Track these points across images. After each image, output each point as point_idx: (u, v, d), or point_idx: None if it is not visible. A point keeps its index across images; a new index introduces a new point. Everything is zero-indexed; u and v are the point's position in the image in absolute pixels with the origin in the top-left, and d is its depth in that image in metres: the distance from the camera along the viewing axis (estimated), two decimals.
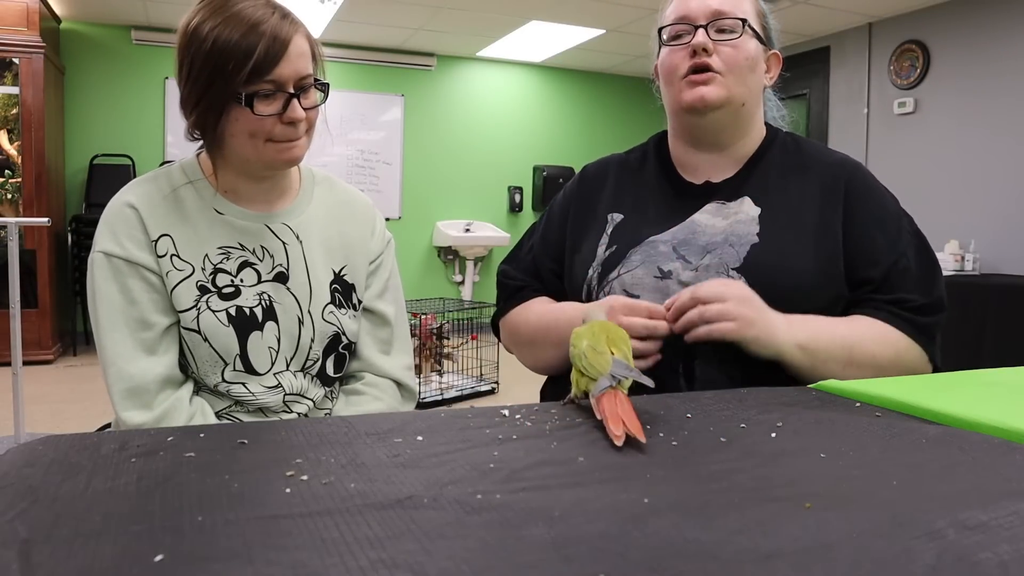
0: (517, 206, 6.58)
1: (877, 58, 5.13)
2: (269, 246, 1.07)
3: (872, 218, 1.05)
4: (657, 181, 1.16)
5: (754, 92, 1.09)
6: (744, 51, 1.06)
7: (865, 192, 1.07)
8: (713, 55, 1.05)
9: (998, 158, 4.38)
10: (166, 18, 5.24)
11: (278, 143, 0.99)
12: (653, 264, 1.06)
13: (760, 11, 1.11)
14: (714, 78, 1.05)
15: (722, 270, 1.02)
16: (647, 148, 1.21)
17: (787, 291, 0.99)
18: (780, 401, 0.75)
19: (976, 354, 3.68)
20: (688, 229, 1.07)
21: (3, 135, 4.77)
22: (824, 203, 1.05)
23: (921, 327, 1.01)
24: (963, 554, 0.39)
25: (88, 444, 0.57)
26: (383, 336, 1.17)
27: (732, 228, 1.05)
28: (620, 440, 0.58)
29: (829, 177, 1.07)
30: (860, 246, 1.03)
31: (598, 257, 1.11)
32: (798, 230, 1.03)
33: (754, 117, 1.12)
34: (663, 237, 1.07)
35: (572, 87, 6.78)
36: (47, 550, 0.38)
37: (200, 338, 1.01)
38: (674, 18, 1.08)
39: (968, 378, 0.87)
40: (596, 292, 1.09)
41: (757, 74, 1.09)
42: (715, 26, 1.06)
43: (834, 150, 1.14)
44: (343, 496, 0.47)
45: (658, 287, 1.04)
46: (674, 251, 1.06)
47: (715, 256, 1.03)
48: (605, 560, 0.37)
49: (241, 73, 0.93)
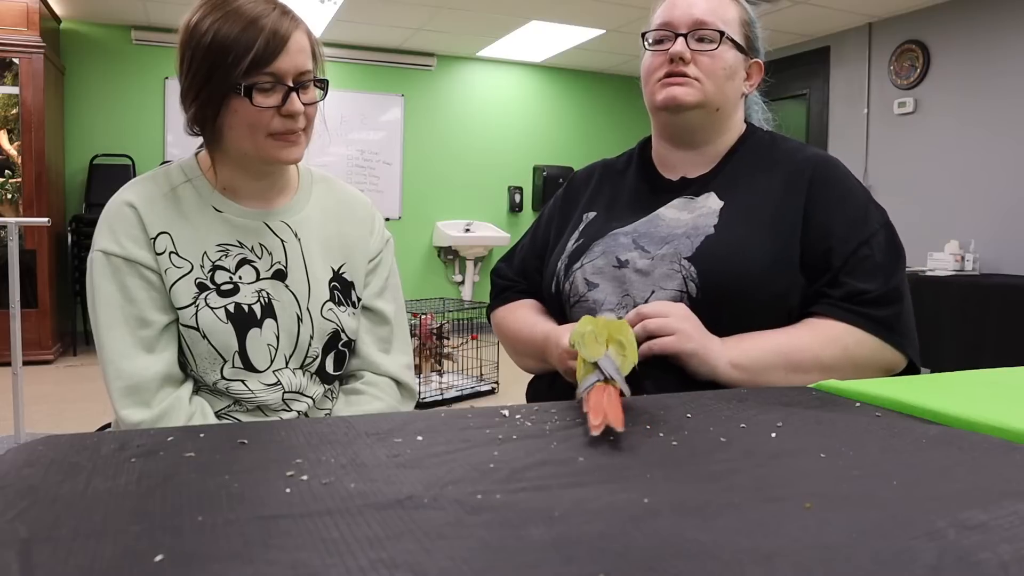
0: (517, 206, 6.58)
1: (877, 58, 5.13)
2: (267, 244, 1.07)
3: (834, 205, 1.06)
4: (635, 179, 1.20)
5: (730, 99, 1.13)
6: (721, 61, 1.10)
7: (831, 181, 1.08)
8: (690, 64, 1.09)
9: (998, 158, 4.38)
10: (166, 18, 5.24)
11: (277, 139, 1.00)
12: (612, 254, 1.10)
13: (745, 20, 1.14)
14: (688, 81, 1.09)
15: (675, 259, 1.05)
16: (633, 151, 1.26)
17: (736, 278, 1.01)
18: (780, 401, 0.75)
19: (976, 354, 3.68)
20: (651, 223, 1.11)
21: (3, 135, 4.77)
22: (786, 194, 1.07)
23: (877, 319, 1.01)
24: (963, 554, 0.39)
25: (88, 444, 0.57)
26: (382, 335, 1.18)
27: (695, 221, 1.08)
28: (597, 430, 0.58)
29: (795, 171, 1.09)
30: (819, 232, 1.04)
31: (567, 250, 1.17)
32: (755, 222, 1.06)
33: (730, 120, 1.15)
34: (625, 230, 1.12)
35: (572, 87, 6.78)
36: (47, 550, 0.38)
37: (199, 335, 1.01)
38: (658, 24, 1.13)
39: (968, 378, 0.86)
40: (563, 283, 1.14)
41: (735, 82, 1.13)
42: (695, 35, 1.10)
43: (811, 147, 1.16)
44: (343, 496, 0.47)
45: (615, 276, 1.09)
46: (633, 243, 1.10)
47: (671, 247, 1.06)
48: (605, 560, 0.37)
49: (241, 65, 0.95)
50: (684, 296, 1.02)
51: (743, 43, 1.13)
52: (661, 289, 1.04)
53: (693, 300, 1.02)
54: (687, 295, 1.02)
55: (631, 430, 0.63)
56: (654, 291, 1.05)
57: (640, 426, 0.64)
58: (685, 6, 1.10)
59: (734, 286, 1.01)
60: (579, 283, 1.11)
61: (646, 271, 1.06)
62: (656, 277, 1.05)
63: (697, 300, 1.02)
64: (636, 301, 1.05)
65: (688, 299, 1.02)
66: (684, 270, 1.04)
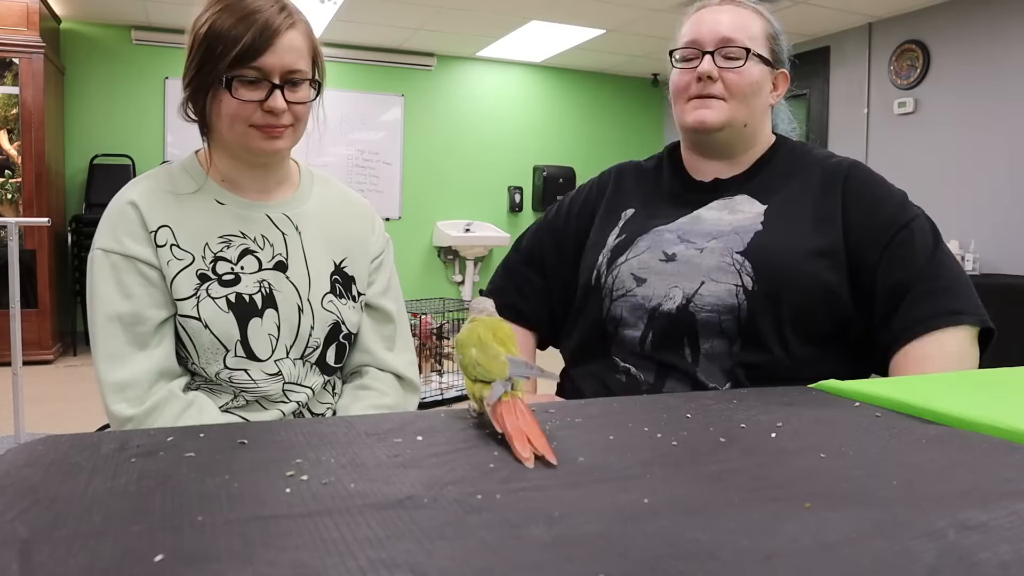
0: (517, 206, 6.58)
1: (877, 58, 5.13)
2: (269, 235, 1.09)
3: (872, 199, 1.09)
4: (669, 181, 1.22)
5: (757, 112, 1.15)
6: (748, 77, 1.12)
7: (867, 179, 1.11)
8: (717, 81, 1.11)
9: (998, 158, 4.38)
10: (166, 18, 5.23)
11: (259, 130, 1.02)
12: (658, 248, 1.12)
13: (771, 33, 1.16)
14: (715, 104, 1.11)
15: (726, 252, 1.07)
16: (662, 155, 1.28)
17: (791, 271, 1.04)
18: (780, 401, 0.75)
19: None
20: (694, 221, 1.14)
21: (3, 135, 4.77)
22: (825, 191, 1.10)
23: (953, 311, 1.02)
24: (963, 554, 0.39)
25: (88, 444, 0.57)
26: (387, 332, 1.20)
27: (739, 221, 1.10)
28: (531, 462, 0.53)
29: (831, 169, 1.13)
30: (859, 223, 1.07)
31: (608, 244, 1.18)
32: (799, 221, 1.08)
33: (758, 133, 1.18)
34: (669, 227, 1.14)
35: (572, 87, 6.77)
36: (47, 550, 0.38)
37: (200, 325, 1.02)
38: (685, 41, 1.15)
39: (968, 378, 0.87)
40: (604, 276, 1.16)
41: (762, 96, 1.15)
42: (722, 53, 1.11)
43: (839, 155, 1.19)
44: (343, 496, 0.46)
45: (663, 269, 1.10)
46: (679, 238, 1.12)
47: (720, 241, 1.08)
48: (605, 560, 0.37)
49: (227, 57, 0.97)
50: (740, 289, 1.04)
51: (769, 56, 1.14)
52: (712, 281, 1.06)
53: (749, 293, 1.04)
54: (743, 288, 1.04)
55: (631, 430, 0.63)
56: (704, 282, 1.07)
57: (640, 426, 0.64)
58: (712, 23, 1.12)
59: (790, 277, 1.03)
60: (625, 278, 1.13)
61: (695, 262, 1.08)
62: (706, 268, 1.07)
63: (754, 293, 1.04)
64: (685, 292, 1.07)
65: (744, 292, 1.04)
66: (738, 264, 1.06)
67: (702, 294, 1.06)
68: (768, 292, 1.03)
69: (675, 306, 1.07)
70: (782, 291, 1.03)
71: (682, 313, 1.06)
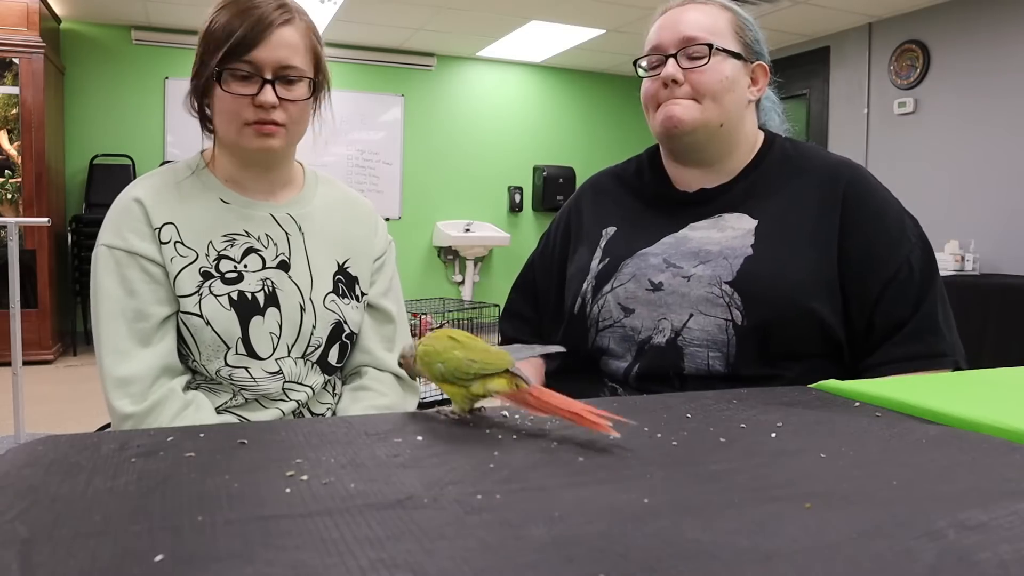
0: (517, 206, 6.57)
1: (877, 58, 5.13)
2: (273, 235, 1.09)
3: (872, 223, 1.04)
4: (652, 193, 1.17)
5: (734, 111, 1.08)
6: (716, 75, 1.05)
7: (865, 194, 1.05)
8: (684, 84, 1.06)
9: (998, 158, 4.38)
10: (166, 18, 5.23)
11: (253, 127, 1.02)
12: (644, 277, 1.07)
13: (739, 25, 1.10)
14: (686, 101, 1.06)
15: (714, 282, 1.02)
16: (641, 158, 1.22)
17: (781, 304, 1.00)
18: (780, 401, 0.75)
19: (976, 354, 3.68)
20: (680, 242, 1.08)
21: (3, 135, 4.77)
22: (822, 206, 1.05)
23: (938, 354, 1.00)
24: (963, 554, 0.39)
25: (88, 444, 0.57)
26: (387, 333, 1.20)
27: (729, 241, 1.05)
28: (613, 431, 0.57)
29: (827, 179, 1.07)
30: (859, 252, 1.02)
31: (592, 270, 1.13)
32: (794, 240, 1.03)
33: (738, 133, 1.11)
34: (653, 250, 1.09)
35: (572, 87, 6.77)
36: (47, 550, 0.38)
37: (202, 322, 1.02)
38: (648, 48, 1.11)
39: (968, 378, 0.87)
40: (590, 305, 1.11)
41: (736, 92, 1.08)
42: (685, 53, 1.06)
43: (834, 154, 1.13)
44: (343, 496, 0.46)
45: (650, 300, 1.06)
46: (664, 262, 1.07)
47: (708, 268, 1.04)
48: (605, 560, 0.37)
49: (220, 51, 0.98)
50: (730, 324, 1.00)
51: (740, 49, 1.08)
52: (701, 314, 1.02)
53: (739, 328, 1.00)
54: (732, 323, 1.00)
55: (631, 430, 0.63)
56: (692, 314, 1.02)
57: (640, 426, 0.64)
58: (671, 25, 1.08)
59: (780, 310, 0.99)
60: (612, 308, 1.08)
61: (682, 292, 1.04)
62: (694, 299, 1.03)
63: (744, 328, 1.00)
64: (673, 325, 1.03)
65: (734, 327, 1.00)
66: (727, 296, 1.01)
67: (691, 327, 1.02)
68: (758, 325, 1.00)
69: (665, 340, 1.03)
70: (772, 325, 0.99)
71: (670, 347, 1.03)
